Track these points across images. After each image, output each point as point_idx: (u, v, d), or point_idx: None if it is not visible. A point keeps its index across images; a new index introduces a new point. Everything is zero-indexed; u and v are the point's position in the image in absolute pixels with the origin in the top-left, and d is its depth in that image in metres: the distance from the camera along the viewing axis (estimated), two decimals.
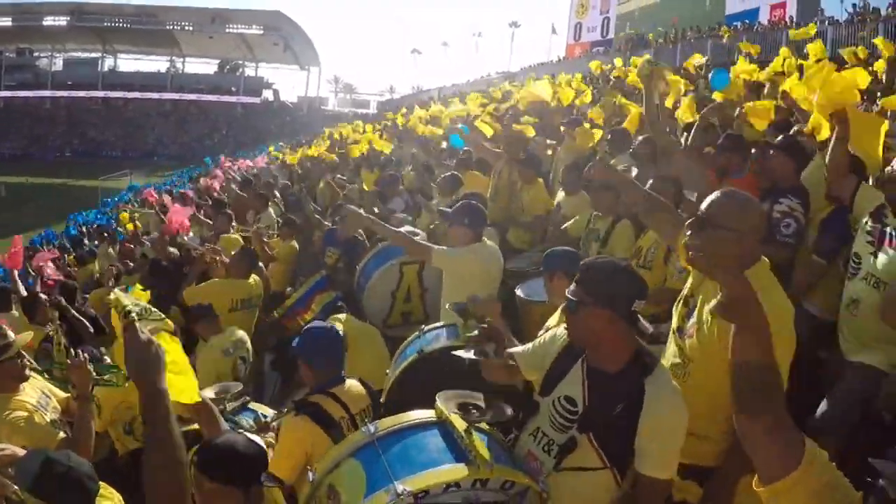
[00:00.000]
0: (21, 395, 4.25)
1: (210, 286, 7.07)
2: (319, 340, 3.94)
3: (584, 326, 2.87)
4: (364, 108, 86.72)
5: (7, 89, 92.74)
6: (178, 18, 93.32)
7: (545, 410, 3.03)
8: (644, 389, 2.77)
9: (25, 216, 41.71)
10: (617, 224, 5.85)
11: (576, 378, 2.96)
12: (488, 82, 46.31)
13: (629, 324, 2.83)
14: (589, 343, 2.92)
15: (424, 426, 3.00)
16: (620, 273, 2.92)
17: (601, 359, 2.91)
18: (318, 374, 3.88)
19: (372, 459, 2.85)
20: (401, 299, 6.81)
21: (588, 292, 2.83)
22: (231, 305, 6.79)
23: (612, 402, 2.79)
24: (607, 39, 51.41)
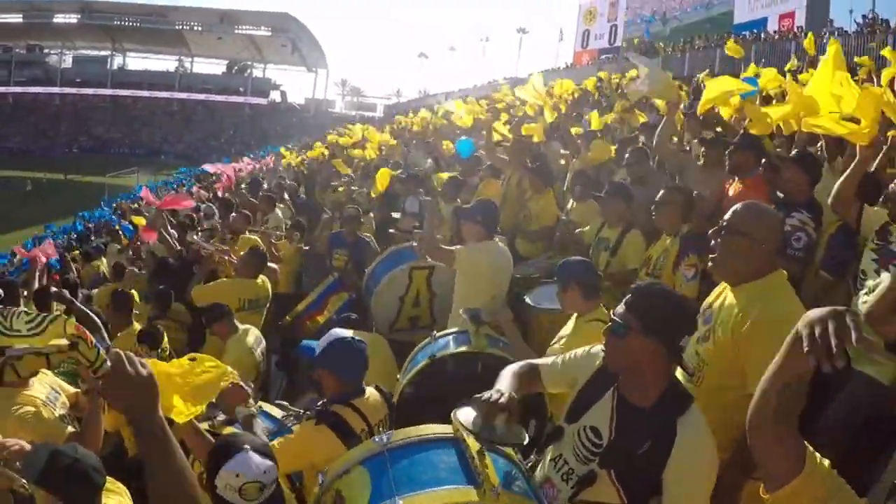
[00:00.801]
0: (30, 390, 4.24)
1: (218, 286, 7.09)
2: (344, 351, 3.85)
3: (627, 354, 2.69)
4: (371, 112, 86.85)
5: (17, 85, 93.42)
6: (187, 18, 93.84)
7: (569, 438, 2.89)
8: (675, 429, 2.61)
9: (31, 211, 41.84)
10: (627, 233, 5.85)
11: (605, 409, 2.81)
12: (495, 87, 46.28)
13: (673, 359, 2.73)
14: (626, 372, 2.75)
15: (438, 442, 2.87)
16: (675, 304, 2.79)
17: (635, 391, 2.74)
18: (341, 385, 3.82)
19: (380, 470, 2.78)
20: (409, 304, 6.82)
21: (639, 319, 2.65)
22: (239, 305, 6.78)
23: (639, 439, 2.63)
24: (615, 47, 51.51)
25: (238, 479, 2.74)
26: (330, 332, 4.02)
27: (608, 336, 2.74)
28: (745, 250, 3.09)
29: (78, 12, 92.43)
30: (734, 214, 3.17)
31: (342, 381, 3.82)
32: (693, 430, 2.62)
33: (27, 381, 4.26)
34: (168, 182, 39.28)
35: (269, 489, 2.79)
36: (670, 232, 5.26)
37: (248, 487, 2.73)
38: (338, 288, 7.47)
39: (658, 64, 28.44)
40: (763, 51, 24.41)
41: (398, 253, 6.95)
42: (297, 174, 18.40)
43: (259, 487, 2.75)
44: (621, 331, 2.67)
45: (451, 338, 4.62)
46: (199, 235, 10.11)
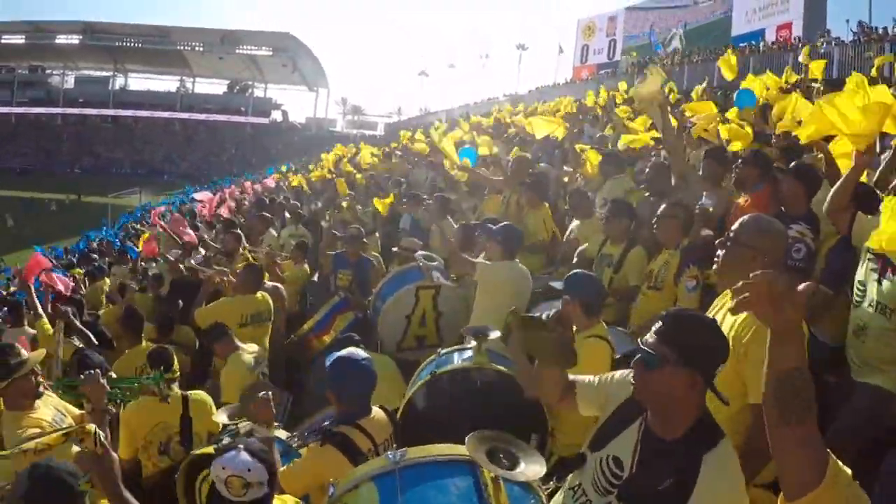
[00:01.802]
0: (36, 413, 4.28)
1: (218, 305, 7.13)
2: (350, 371, 3.81)
3: (661, 386, 2.47)
4: (372, 130, 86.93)
5: (19, 105, 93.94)
6: (188, 39, 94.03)
7: (591, 467, 2.74)
8: (700, 466, 2.40)
9: (34, 230, 41.91)
10: (630, 250, 5.93)
11: (629, 439, 2.64)
12: (495, 104, 46.41)
13: (706, 389, 2.49)
14: (657, 404, 2.56)
15: (451, 465, 2.85)
16: (712, 331, 2.54)
17: (662, 423, 2.56)
18: (347, 405, 3.81)
19: (389, 489, 2.78)
20: (416, 323, 6.85)
21: (674, 350, 2.44)
22: (241, 321, 6.82)
23: (661, 473, 2.46)
24: (614, 62, 51.73)
25: (224, 472, 2.82)
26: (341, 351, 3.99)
27: (638, 368, 2.53)
28: (750, 262, 3.10)
29: (80, 33, 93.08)
30: (741, 226, 3.29)
31: (348, 401, 3.81)
32: (718, 469, 2.42)
33: (33, 404, 4.31)
34: (171, 202, 39.30)
35: (254, 489, 2.83)
36: (671, 245, 5.33)
37: (232, 481, 2.80)
38: (344, 307, 7.51)
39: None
40: (761, 63, 24.39)
41: (404, 273, 7.04)
42: (298, 193, 18.43)
43: (243, 483, 2.80)
44: (655, 363, 2.45)
45: (455, 354, 4.66)
46: (196, 259, 10.16)
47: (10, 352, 4.26)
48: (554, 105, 24.30)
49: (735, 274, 3.05)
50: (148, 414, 4.96)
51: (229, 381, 5.80)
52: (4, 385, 4.18)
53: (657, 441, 2.55)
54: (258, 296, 7.18)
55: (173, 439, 4.96)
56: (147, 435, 4.97)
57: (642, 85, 6.43)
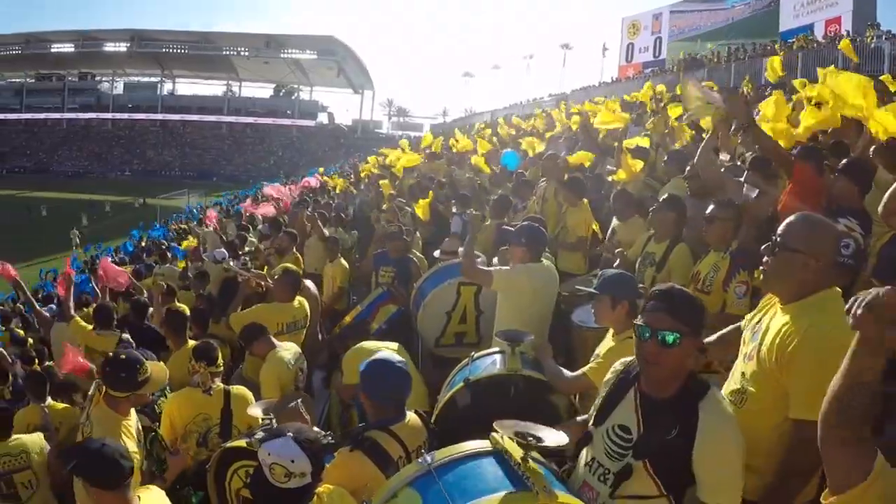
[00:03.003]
0: (128, 420, 4.46)
1: (254, 312, 7.10)
2: (384, 375, 3.73)
3: (677, 359, 2.78)
4: (417, 132, 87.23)
5: (70, 111, 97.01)
6: (234, 44, 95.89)
7: (599, 440, 2.98)
8: (699, 412, 2.71)
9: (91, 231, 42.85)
10: (674, 248, 5.77)
11: (628, 406, 2.92)
12: (540, 105, 46.20)
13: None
14: (665, 373, 2.83)
15: (480, 455, 2.94)
16: (696, 298, 2.95)
17: (658, 386, 2.85)
18: (379, 410, 3.72)
19: (430, 488, 2.82)
20: (455, 320, 6.79)
21: (686, 324, 2.77)
22: (277, 329, 6.82)
23: (667, 427, 2.73)
24: (660, 60, 51.29)
25: (269, 458, 2.89)
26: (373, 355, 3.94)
27: (654, 346, 2.78)
28: (799, 266, 2.94)
29: (128, 41, 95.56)
30: (787, 228, 3.04)
31: (380, 405, 3.73)
32: (714, 412, 2.73)
33: (130, 413, 4.50)
34: (220, 202, 40.00)
35: (296, 479, 2.88)
36: (720, 248, 5.16)
37: (275, 468, 2.87)
38: (387, 299, 7.54)
39: (703, 76, 28.25)
40: (810, 59, 23.88)
41: (446, 269, 6.95)
42: (346, 195, 18.55)
43: (285, 472, 2.86)
44: (675, 339, 2.74)
45: (488, 359, 4.58)
46: (238, 260, 10.26)
47: (140, 368, 4.40)
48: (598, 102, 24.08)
49: (784, 280, 3.03)
50: (190, 405, 5.09)
51: (269, 378, 5.81)
52: (124, 396, 4.35)
53: (655, 401, 2.84)
54: (295, 303, 7.18)
55: (213, 431, 5.05)
56: (188, 425, 5.07)
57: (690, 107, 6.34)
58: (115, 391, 4.34)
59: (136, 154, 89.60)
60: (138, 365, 4.40)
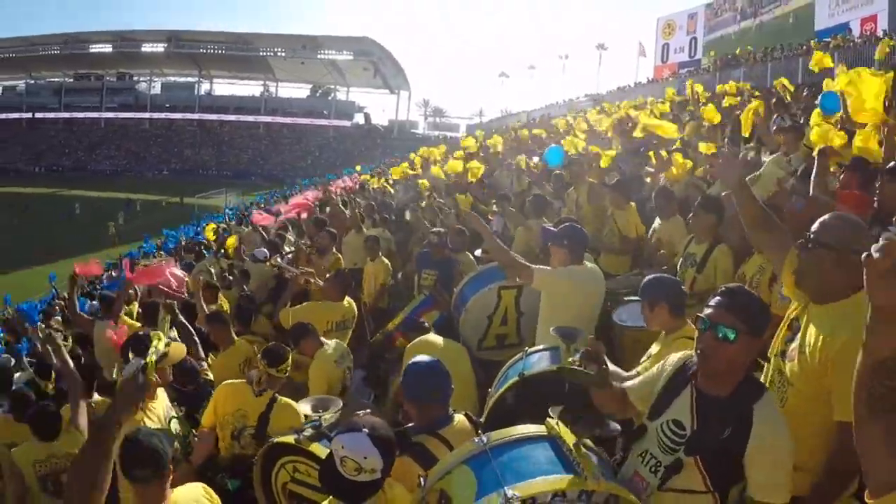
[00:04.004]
0: (155, 402, 4.63)
1: (306, 309, 7.23)
2: (425, 378, 3.75)
3: (732, 356, 2.81)
4: (453, 132, 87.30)
5: (108, 111, 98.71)
6: (271, 45, 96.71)
7: (653, 434, 3.04)
8: (752, 415, 2.75)
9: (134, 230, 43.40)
10: (715, 249, 5.76)
11: (684, 402, 2.96)
12: (575, 105, 46.03)
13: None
14: (723, 372, 2.87)
15: (534, 439, 3.06)
16: (760, 300, 2.96)
17: (716, 384, 2.89)
18: (424, 413, 3.71)
19: (484, 467, 2.92)
20: (497, 323, 6.80)
21: (744, 322, 2.79)
22: (327, 327, 6.96)
23: (721, 426, 2.78)
24: (695, 60, 50.91)
25: (342, 450, 2.92)
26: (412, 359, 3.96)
27: (711, 341, 2.82)
28: (833, 264, 2.96)
29: (165, 41, 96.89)
30: (821, 226, 3.05)
31: (425, 410, 3.72)
32: (768, 414, 2.77)
33: (154, 394, 4.67)
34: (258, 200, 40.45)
35: (366, 473, 2.90)
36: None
37: (346, 461, 2.90)
38: (430, 305, 7.57)
39: (740, 76, 27.95)
40: (847, 57, 23.51)
41: (486, 273, 6.98)
42: (384, 194, 18.63)
43: (356, 466, 2.89)
44: (732, 335, 2.78)
45: (542, 355, 4.62)
46: (283, 258, 10.39)
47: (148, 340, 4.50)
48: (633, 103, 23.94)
49: (818, 277, 3.05)
50: (235, 396, 5.15)
51: (317, 376, 5.93)
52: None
53: (711, 399, 2.89)
54: (345, 303, 7.33)
55: (247, 431, 5.08)
56: (226, 416, 5.13)
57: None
58: None
59: (173, 153, 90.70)
60: (147, 338, 4.47)
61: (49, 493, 4.95)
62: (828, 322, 2.98)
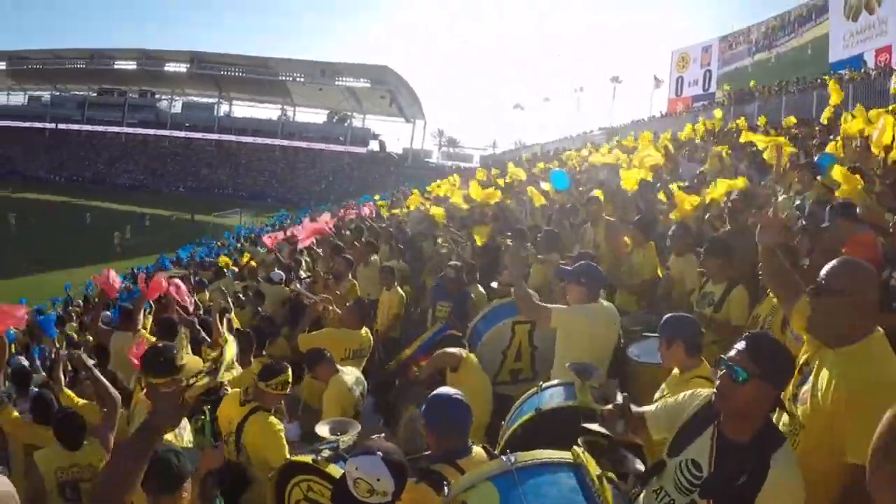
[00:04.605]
0: None
1: (324, 335, 7.27)
2: (446, 410, 3.77)
3: (745, 398, 2.78)
4: (467, 162, 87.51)
5: (129, 126, 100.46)
6: (290, 70, 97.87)
7: (670, 471, 3.01)
8: (770, 463, 2.72)
9: (144, 245, 43.69)
10: (732, 289, 5.77)
11: (704, 444, 2.93)
12: (589, 138, 46.06)
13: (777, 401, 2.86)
14: (735, 412, 2.85)
15: (559, 465, 3.10)
16: (787, 352, 2.90)
17: (736, 428, 2.85)
18: (443, 443, 3.72)
19: (509, 486, 2.96)
20: (511, 358, 6.82)
21: (759, 366, 2.75)
22: (344, 355, 6.98)
23: (738, 471, 2.75)
24: (709, 93, 50.54)
25: (356, 472, 3.00)
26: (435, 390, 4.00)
27: (725, 380, 2.82)
28: (843, 310, 3.00)
29: (188, 62, 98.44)
30: (829, 272, 3.08)
31: (444, 440, 3.73)
32: (784, 465, 2.74)
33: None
34: (271, 224, 40.69)
35: (377, 496, 2.98)
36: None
37: (360, 482, 2.98)
38: (445, 335, 7.54)
39: (754, 110, 27.90)
40: (862, 90, 23.28)
41: (499, 308, 7.00)
42: (398, 222, 18.70)
43: (368, 488, 2.97)
44: (743, 377, 2.76)
45: (557, 390, 4.64)
46: (301, 283, 10.45)
47: (176, 354, 4.67)
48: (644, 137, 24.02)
49: (830, 323, 3.09)
50: (229, 403, 5.32)
51: (331, 401, 5.95)
52: (163, 381, 4.52)
53: (730, 443, 2.85)
54: (362, 332, 7.34)
55: (231, 436, 5.16)
56: (222, 419, 5.30)
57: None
58: (155, 377, 4.54)
59: (190, 171, 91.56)
60: (174, 351, 4.68)
61: (67, 500, 4.98)
62: (840, 365, 3.01)
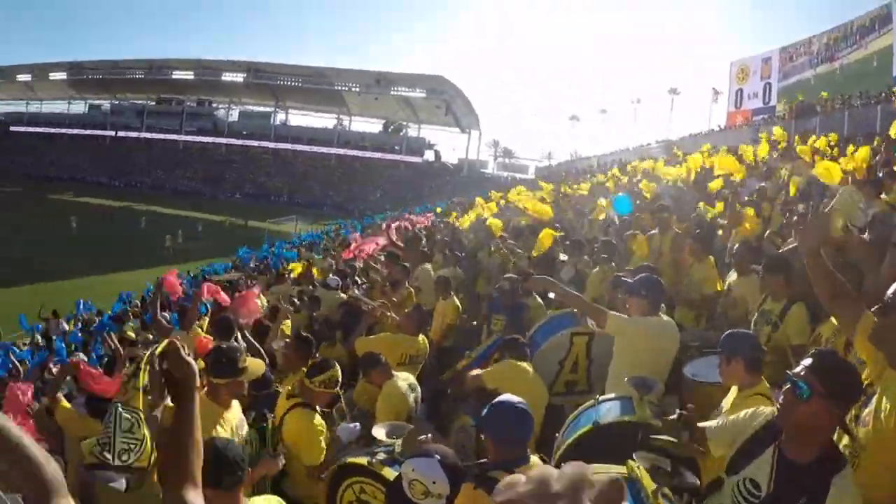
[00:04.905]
0: (229, 412, 4.74)
1: (383, 340, 7.35)
2: (506, 418, 3.71)
3: (806, 415, 2.74)
4: (522, 174, 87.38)
5: (187, 134, 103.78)
6: (345, 80, 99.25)
7: (728, 489, 3.00)
8: (830, 487, 2.67)
9: (196, 249, 44.60)
10: (791, 307, 5.65)
11: (765, 463, 2.89)
12: (646, 151, 45.68)
13: (840, 423, 2.82)
14: (797, 431, 2.81)
15: None
16: (854, 372, 2.86)
17: (796, 448, 2.81)
18: (502, 451, 3.68)
19: None
20: (567, 369, 6.81)
21: (823, 384, 2.71)
22: (401, 360, 7.04)
23: (797, 493, 2.72)
24: (770, 106, 49.49)
25: (412, 473, 3.05)
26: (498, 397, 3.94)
27: (789, 397, 2.79)
28: None
29: (244, 72, 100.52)
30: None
31: (504, 447, 3.70)
32: (845, 489, 2.68)
33: (230, 404, 4.79)
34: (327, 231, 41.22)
35: (432, 498, 3.02)
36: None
37: (415, 483, 3.03)
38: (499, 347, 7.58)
39: (816, 125, 27.35)
40: None
41: (558, 319, 7.00)
42: (453, 230, 18.75)
43: (424, 490, 3.01)
44: (806, 393, 2.72)
45: (614, 404, 4.62)
46: (359, 290, 10.56)
47: (239, 356, 4.75)
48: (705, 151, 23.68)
49: (892, 343, 3.04)
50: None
51: (385, 407, 5.98)
52: (224, 382, 4.64)
53: (791, 464, 2.81)
54: (420, 338, 7.42)
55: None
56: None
57: None
58: (217, 377, 4.62)
59: (247, 179, 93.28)
60: (238, 353, 4.76)
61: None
62: None
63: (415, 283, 10.55)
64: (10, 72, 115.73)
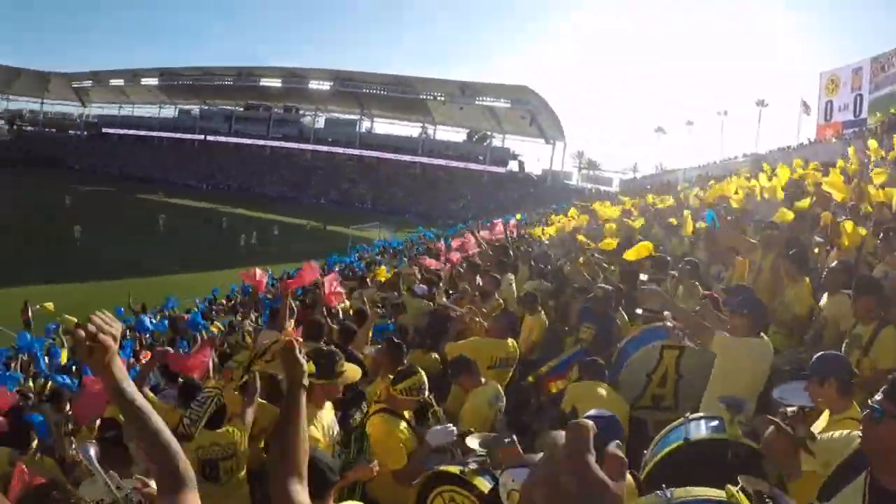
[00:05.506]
0: (322, 413, 4.98)
1: (473, 344, 7.43)
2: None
3: (882, 439, 2.71)
4: (606, 186, 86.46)
5: (273, 140, 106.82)
6: (430, 89, 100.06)
7: None
8: None
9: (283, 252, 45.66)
10: (881, 330, 5.56)
11: (857, 491, 2.84)
12: (732, 165, 44.77)
13: None
14: (881, 455, 2.76)
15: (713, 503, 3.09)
16: None
17: (887, 475, 2.75)
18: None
19: None
20: (655, 382, 6.78)
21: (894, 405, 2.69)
22: (490, 363, 7.15)
23: None
24: (860, 119, 47.19)
25: (512, 484, 3.13)
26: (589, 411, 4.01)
27: (866, 421, 2.78)
28: None
29: (331, 80, 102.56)
30: None
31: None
32: None
33: (323, 406, 5.02)
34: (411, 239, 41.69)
35: None
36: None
37: (514, 495, 3.09)
38: (583, 357, 7.65)
39: None
40: None
41: (650, 331, 6.96)
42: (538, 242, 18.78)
43: None
44: (877, 416, 2.70)
45: (704, 422, 4.62)
46: (450, 298, 10.74)
47: (338, 360, 4.96)
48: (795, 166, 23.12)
49: None
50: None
51: (470, 414, 6.08)
52: (321, 383, 4.80)
53: (884, 492, 2.72)
54: (509, 342, 7.51)
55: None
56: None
57: None
58: (314, 378, 4.85)
59: (332, 185, 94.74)
60: (337, 357, 4.95)
61: (206, 478, 5.17)
62: None
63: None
64: (104, 76, 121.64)
